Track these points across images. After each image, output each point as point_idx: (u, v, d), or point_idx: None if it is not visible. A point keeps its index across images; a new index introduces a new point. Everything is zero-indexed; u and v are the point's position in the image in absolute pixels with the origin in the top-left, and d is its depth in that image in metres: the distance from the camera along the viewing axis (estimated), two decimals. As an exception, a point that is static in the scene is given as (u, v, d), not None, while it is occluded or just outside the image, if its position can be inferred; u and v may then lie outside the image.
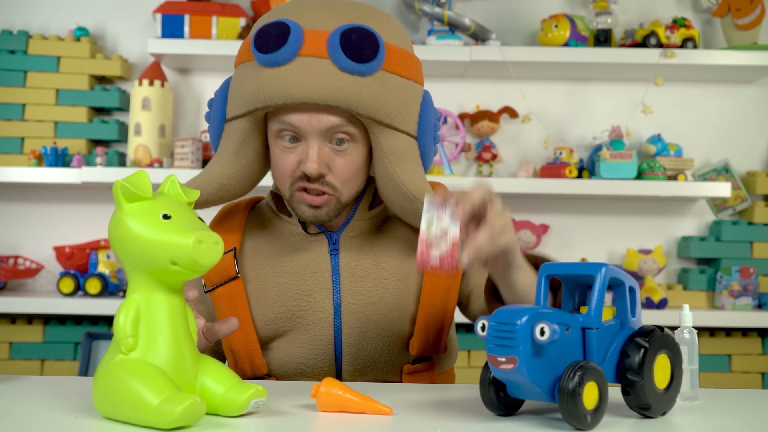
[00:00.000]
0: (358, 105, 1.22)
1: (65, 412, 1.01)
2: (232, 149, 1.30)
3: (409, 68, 1.29)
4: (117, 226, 0.96)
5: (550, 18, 2.62)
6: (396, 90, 1.26)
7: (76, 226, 2.70)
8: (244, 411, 0.98)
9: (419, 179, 1.29)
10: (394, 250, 1.37)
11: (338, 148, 1.27)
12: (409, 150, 1.29)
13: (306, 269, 1.34)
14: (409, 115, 1.28)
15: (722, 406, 1.14)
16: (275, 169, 1.31)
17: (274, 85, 1.22)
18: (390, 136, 1.27)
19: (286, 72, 1.21)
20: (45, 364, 2.60)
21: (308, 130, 1.24)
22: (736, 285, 2.59)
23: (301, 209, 1.30)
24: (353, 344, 1.33)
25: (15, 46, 2.61)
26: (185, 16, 2.56)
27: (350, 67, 1.21)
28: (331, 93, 1.21)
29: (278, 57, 1.21)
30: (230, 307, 1.35)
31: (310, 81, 1.21)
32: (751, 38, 2.65)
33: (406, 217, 1.31)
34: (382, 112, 1.24)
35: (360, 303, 1.33)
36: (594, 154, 2.63)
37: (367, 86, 1.22)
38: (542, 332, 0.92)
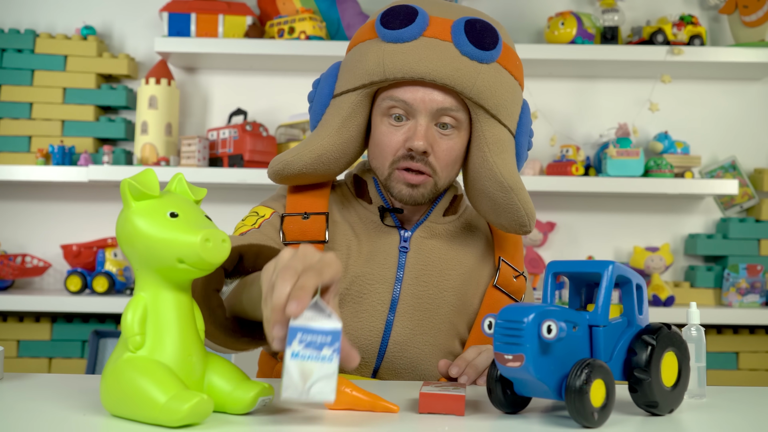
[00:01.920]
0: (472, 89, 1.27)
1: (73, 409, 1.01)
2: (337, 122, 1.34)
3: (518, 69, 1.36)
4: (124, 225, 0.96)
5: (557, 15, 2.62)
6: (506, 85, 1.32)
7: (83, 225, 2.71)
8: (252, 409, 0.98)
9: (515, 172, 1.34)
10: (460, 267, 1.40)
11: (443, 131, 1.31)
12: (508, 143, 1.34)
13: (374, 258, 1.36)
14: (512, 113, 1.34)
15: (730, 404, 1.14)
16: (378, 147, 1.34)
17: (397, 59, 1.27)
18: (494, 126, 1.31)
19: (409, 48, 1.27)
20: (53, 361, 2.61)
21: (419, 108, 1.29)
22: (744, 282, 2.58)
23: (399, 188, 1.32)
24: (400, 342, 1.34)
25: (22, 45, 2.62)
26: (192, 14, 2.56)
27: (471, 52, 1.27)
28: (449, 73, 1.26)
29: (404, 34, 1.27)
30: None
31: (432, 59, 1.26)
32: (758, 35, 2.64)
33: (496, 209, 1.34)
34: (492, 102, 1.29)
35: (416, 305, 1.35)
36: (601, 152, 2.62)
37: (483, 73, 1.28)
38: (549, 330, 0.92)
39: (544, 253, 2.74)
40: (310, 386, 0.87)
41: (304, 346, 0.87)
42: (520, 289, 1.43)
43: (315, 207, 1.38)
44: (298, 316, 0.88)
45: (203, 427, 0.92)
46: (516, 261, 1.45)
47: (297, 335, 0.87)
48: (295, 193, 1.40)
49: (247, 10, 2.60)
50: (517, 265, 1.45)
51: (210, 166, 2.60)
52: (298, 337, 0.87)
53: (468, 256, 1.41)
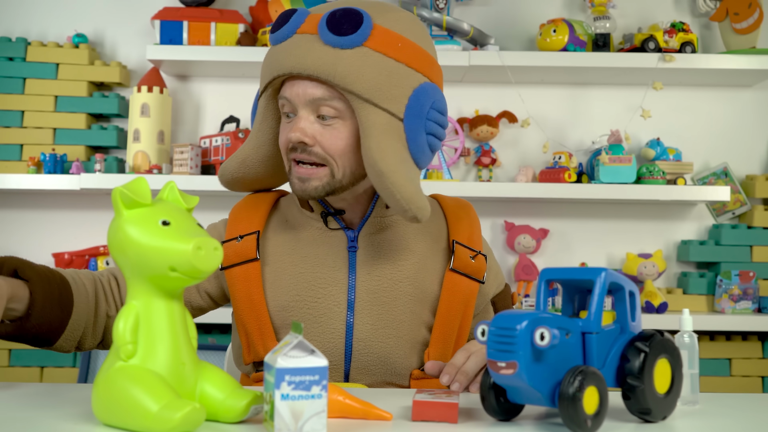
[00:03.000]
0: (335, 75, 1.28)
1: (65, 419, 1.00)
2: (255, 127, 1.40)
3: (400, 51, 1.31)
4: (116, 233, 0.96)
5: (549, 23, 2.62)
6: (378, 67, 1.29)
7: (75, 233, 2.70)
8: (244, 417, 0.98)
9: (390, 155, 1.27)
10: (413, 256, 1.41)
11: (325, 122, 1.32)
12: (388, 127, 1.29)
13: (323, 263, 1.38)
14: (394, 96, 1.29)
15: (723, 410, 1.14)
16: (282, 146, 1.37)
17: (273, 59, 1.33)
18: (370, 111, 1.29)
19: (284, 46, 1.32)
20: (44, 371, 2.60)
21: (297, 102, 1.32)
22: (736, 289, 2.59)
23: (293, 182, 1.35)
24: (363, 340, 1.35)
25: (14, 53, 2.61)
26: (184, 22, 2.56)
27: (331, 40, 1.29)
28: (311, 63, 1.29)
29: (279, 35, 1.33)
30: (245, 287, 1.38)
31: (297, 53, 1.30)
32: (749, 42, 2.66)
33: (381, 195, 1.28)
34: (360, 86, 1.28)
35: (374, 301, 1.36)
36: (593, 159, 2.63)
37: (344, 58, 1.28)
38: (542, 337, 0.92)
39: (537, 260, 2.74)
40: (302, 425, 0.89)
41: (293, 388, 0.89)
42: (480, 269, 1.43)
43: (249, 228, 1.42)
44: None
45: (195, 436, 0.92)
46: (473, 241, 1.45)
47: (285, 377, 0.89)
48: (234, 218, 1.44)
49: (239, 17, 2.60)
50: (474, 245, 1.44)
51: (203, 174, 2.59)
52: (286, 380, 0.89)
53: (419, 243, 1.42)
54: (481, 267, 1.43)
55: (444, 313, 1.39)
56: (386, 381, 1.36)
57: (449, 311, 1.39)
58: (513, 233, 2.70)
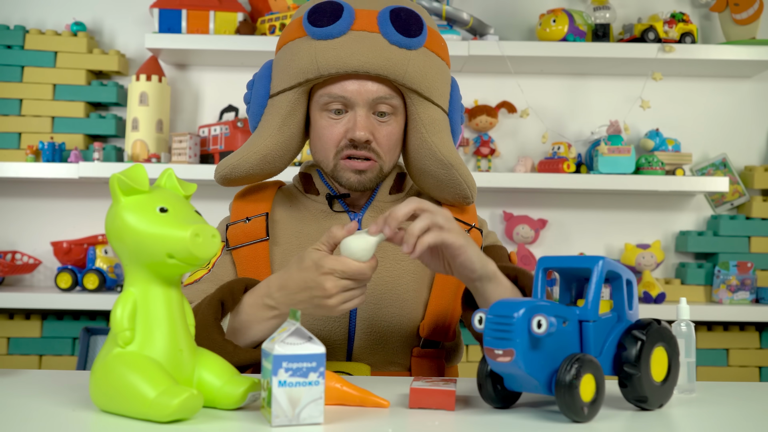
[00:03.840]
0: (405, 76, 1.33)
1: (63, 405, 1.01)
2: (277, 122, 1.38)
3: (444, 50, 1.42)
4: (114, 220, 0.96)
5: (549, 13, 2.62)
6: (436, 67, 1.38)
7: (73, 222, 2.70)
8: (242, 404, 0.98)
9: (453, 149, 1.40)
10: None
11: (381, 119, 1.36)
12: (444, 122, 1.40)
13: None
14: (444, 93, 1.40)
15: (719, 398, 1.14)
16: (320, 141, 1.38)
17: (329, 55, 1.31)
18: (428, 108, 1.37)
19: (340, 44, 1.32)
20: (43, 359, 2.60)
21: (357, 100, 1.34)
22: (734, 279, 2.59)
23: (347, 176, 1.37)
24: (367, 319, 1.37)
25: (12, 41, 2.60)
26: (182, 11, 2.55)
27: (399, 40, 1.32)
28: (381, 63, 1.31)
29: (333, 30, 1.32)
30: (253, 266, 1.40)
31: (363, 51, 1.31)
32: (749, 33, 2.65)
33: (439, 185, 1.40)
34: (424, 85, 1.35)
35: (376, 280, 1.38)
36: (592, 149, 2.63)
37: (413, 59, 1.33)
38: (539, 325, 0.92)
39: (536, 250, 2.74)
40: (299, 412, 0.90)
41: (290, 375, 0.90)
42: (476, 241, 1.44)
43: (257, 211, 1.44)
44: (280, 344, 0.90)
45: (193, 422, 0.92)
46: (467, 216, 1.47)
47: (282, 364, 0.89)
48: (240, 200, 1.46)
49: (238, 6, 2.60)
50: (467, 218, 1.47)
51: (201, 163, 2.59)
52: (283, 366, 0.89)
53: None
54: (476, 239, 1.45)
55: (439, 287, 1.41)
56: (388, 360, 1.38)
57: (444, 286, 1.41)
58: (511, 223, 2.70)
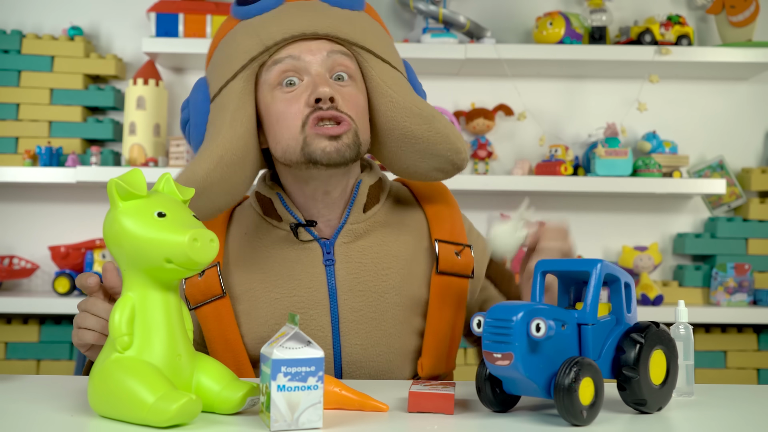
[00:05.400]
0: (355, 33, 1.24)
1: (61, 410, 1.00)
2: (227, 118, 1.21)
3: (384, 27, 1.33)
4: (112, 225, 0.96)
5: (545, 15, 2.62)
6: (383, 34, 1.30)
7: (71, 226, 2.70)
8: (240, 409, 0.98)
9: (428, 104, 1.28)
10: (397, 263, 1.31)
11: (340, 83, 1.24)
12: (407, 83, 1.29)
13: (299, 282, 1.27)
14: (399, 62, 1.31)
15: (718, 401, 1.14)
16: (280, 123, 1.22)
17: (270, 25, 1.22)
18: (389, 70, 1.27)
19: (278, 13, 1.23)
20: (41, 364, 2.60)
21: (309, 59, 1.22)
22: (732, 281, 2.59)
23: (322, 146, 1.19)
24: (354, 363, 1.27)
25: (8, 45, 2.60)
26: (179, 15, 2.55)
27: (339, 2, 1.26)
28: (328, 22, 1.23)
29: (266, 3, 1.24)
30: (218, 326, 1.27)
31: (306, 15, 1.23)
32: (745, 35, 2.66)
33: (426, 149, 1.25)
34: (377, 45, 1.26)
35: (360, 319, 1.27)
36: (589, 152, 2.63)
37: (358, 19, 1.26)
38: (538, 328, 0.92)
39: (533, 253, 2.74)
40: (298, 417, 0.90)
41: (289, 379, 0.89)
42: (468, 264, 1.33)
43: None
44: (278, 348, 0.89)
45: (192, 428, 0.92)
46: (455, 234, 1.35)
47: (281, 369, 0.89)
48: None
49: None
50: (457, 237, 1.34)
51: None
52: (282, 371, 0.89)
53: (402, 245, 1.32)
54: (468, 262, 1.33)
55: (435, 319, 1.30)
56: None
57: (441, 316, 1.30)
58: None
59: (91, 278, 1.09)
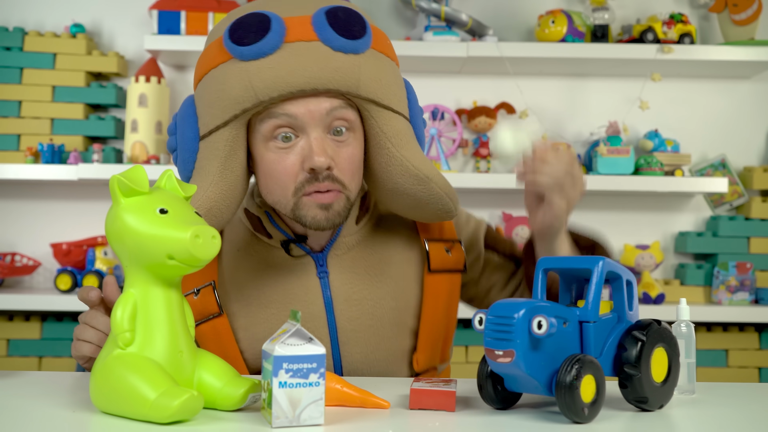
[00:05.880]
0: (358, 86, 1.14)
1: (63, 406, 1.00)
2: (216, 167, 1.17)
3: (391, 49, 1.23)
4: (114, 221, 0.96)
5: (547, 14, 2.62)
6: (389, 70, 1.19)
7: (73, 223, 2.70)
8: (242, 405, 0.98)
9: (425, 159, 1.22)
10: (389, 268, 1.31)
11: (338, 138, 1.18)
12: (408, 131, 1.22)
13: (295, 297, 1.27)
14: (401, 97, 1.22)
15: (719, 399, 1.14)
16: (272, 179, 1.19)
17: (266, 76, 1.12)
18: (390, 118, 1.19)
19: (276, 60, 1.12)
20: (43, 360, 2.60)
21: (307, 120, 1.15)
22: (733, 280, 2.59)
23: (312, 214, 1.18)
24: (355, 370, 1.28)
25: (11, 42, 2.60)
26: (181, 12, 2.55)
27: (343, 45, 1.13)
28: (329, 75, 1.12)
29: (264, 46, 1.11)
30: (217, 344, 1.26)
31: (305, 65, 1.12)
32: (748, 34, 2.65)
33: (418, 204, 1.22)
34: (381, 93, 1.17)
35: (358, 328, 1.27)
36: (591, 150, 2.63)
37: (363, 64, 1.15)
38: (539, 326, 0.92)
39: (535, 251, 2.74)
40: (299, 413, 0.90)
41: (290, 375, 0.89)
42: (459, 259, 1.34)
43: (202, 276, 1.25)
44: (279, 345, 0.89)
45: (193, 424, 0.92)
46: (444, 230, 1.35)
47: (283, 365, 0.89)
48: None
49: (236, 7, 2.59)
50: (446, 234, 1.35)
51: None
52: (284, 367, 0.89)
53: (393, 250, 1.32)
54: (459, 257, 1.34)
55: (429, 317, 1.31)
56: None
57: (434, 314, 1.31)
58: (511, 224, 2.70)
59: (93, 292, 1.10)
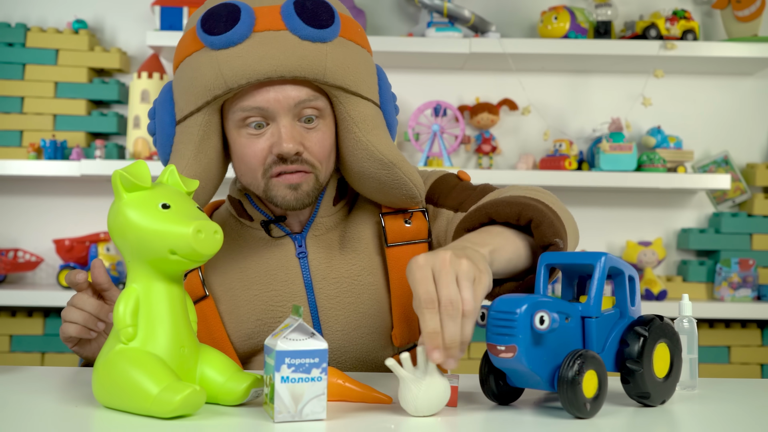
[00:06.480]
0: (325, 73, 1.19)
1: (66, 401, 1.01)
2: (190, 150, 1.22)
3: (361, 36, 1.27)
4: (116, 216, 0.96)
5: (550, 10, 2.62)
6: (357, 57, 1.23)
7: (75, 219, 2.70)
8: (244, 400, 0.98)
9: (392, 145, 1.26)
10: (362, 244, 1.33)
11: (308, 125, 1.22)
12: (377, 117, 1.26)
13: (275, 277, 1.30)
14: (371, 84, 1.26)
15: (721, 395, 1.14)
16: (243, 162, 1.24)
17: (234, 64, 1.16)
18: (358, 104, 1.23)
19: (244, 49, 1.16)
20: (45, 356, 2.61)
21: (276, 109, 1.20)
22: (736, 277, 2.59)
23: (282, 194, 1.23)
24: (337, 348, 1.30)
25: (13, 38, 2.60)
26: (184, 8, 2.55)
27: (310, 34, 1.18)
28: (296, 63, 1.17)
29: (233, 36, 1.16)
30: (204, 327, 1.29)
31: (272, 54, 1.16)
32: (751, 30, 2.65)
33: (382, 188, 1.27)
34: (349, 79, 1.21)
35: (337, 306, 1.30)
36: (594, 146, 2.63)
37: (330, 53, 1.19)
38: (542, 321, 0.92)
39: (537, 248, 2.74)
40: (302, 408, 0.90)
41: (293, 370, 0.89)
42: (420, 228, 1.33)
43: None
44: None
45: (196, 419, 0.92)
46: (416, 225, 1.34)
47: (285, 360, 0.89)
48: None
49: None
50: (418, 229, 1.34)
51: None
52: (286, 362, 0.89)
53: (363, 226, 1.34)
54: (420, 226, 1.34)
55: (397, 289, 1.31)
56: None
57: (402, 288, 1.31)
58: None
59: (80, 275, 1.16)
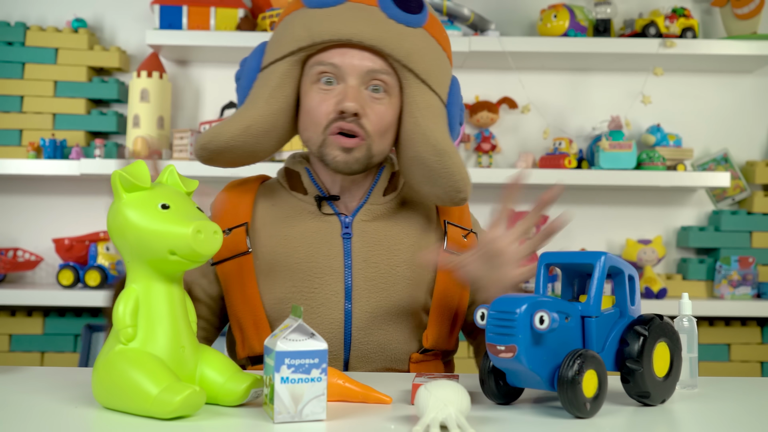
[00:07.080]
0: (400, 51, 1.28)
1: (65, 402, 1.01)
2: (266, 93, 1.32)
3: (446, 42, 1.38)
4: (115, 216, 0.96)
5: (550, 8, 2.62)
6: (434, 53, 1.33)
7: (75, 218, 2.70)
8: (244, 400, 0.98)
9: (448, 137, 1.33)
10: (408, 239, 1.38)
11: (374, 95, 1.30)
12: (440, 110, 1.34)
13: (318, 251, 1.34)
14: (442, 82, 1.35)
15: (721, 393, 1.14)
16: (308, 115, 1.32)
17: (323, 22, 1.28)
18: (425, 93, 1.32)
19: (335, 12, 1.29)
20: (45, 356, 2.60)
21: (348, 71, 1.29)
22: (735, 274, 2.59)
23: (333, 154, 1.30)
24: (363, 329, 1.32)
25: (12, 37, 2.60)
26: (183, 7, 2.55)
27: (397, 15, 1.29)
28: (378, 34, 1.27)
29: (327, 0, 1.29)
30: (239, 281, 1.34)
31: (358, 21, 1.28)
32: (750, 28, 2.65)
33: (430, 176, 1.32)
34: (421, 67, 1.30)
35: (371, 288, 1.33)
36: (593, 145, 2.62)
37: (410, 36, 1.30)
38: (541, 321, 0.92)
39: (537, 246, 2.74)
40: (301, 408, 0.90)
41: (292, 371, 0.90)
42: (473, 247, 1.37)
43: (236, 218, 1.37)
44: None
45: (195, 419, 0.92)
46: (464, 220, 1.45)
47: (285, 360, 0.89)
48: (219, 212, 1.39)
49: (239, 2, 2.59)
50: (465, 223, 1.44)
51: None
52: (286, 363, 0.89)
53: (413, 226, 1.40)
54: (474, 245, 1.38)
55: (441, 293, 1.37)
56: (386, 367, 1.35)
57: (446, 292, 1.37)
58: (512, 219, 2.69)
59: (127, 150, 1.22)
